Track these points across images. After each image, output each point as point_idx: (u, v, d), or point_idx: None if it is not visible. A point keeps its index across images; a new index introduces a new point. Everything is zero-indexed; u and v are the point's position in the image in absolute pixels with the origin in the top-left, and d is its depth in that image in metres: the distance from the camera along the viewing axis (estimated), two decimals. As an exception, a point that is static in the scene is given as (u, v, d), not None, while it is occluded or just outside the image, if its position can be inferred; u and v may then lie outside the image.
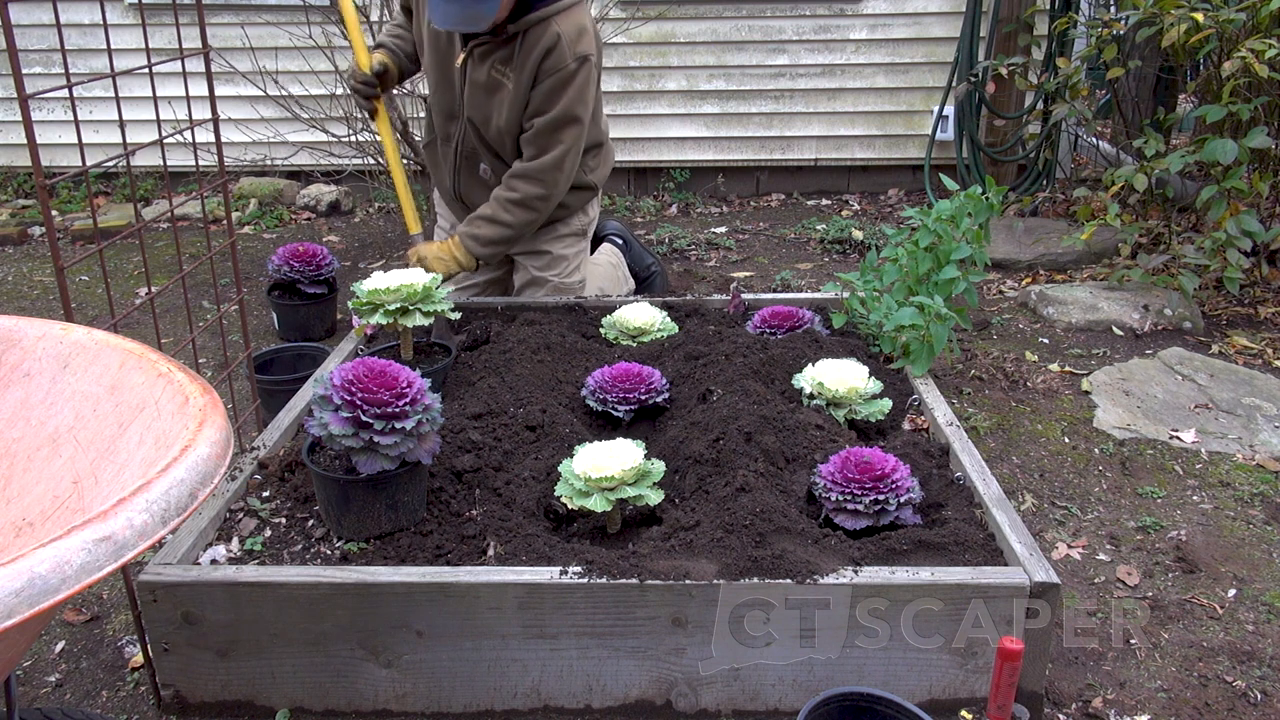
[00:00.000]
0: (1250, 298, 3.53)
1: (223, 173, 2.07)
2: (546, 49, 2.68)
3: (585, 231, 3.21)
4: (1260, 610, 1.96)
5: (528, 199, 2.82)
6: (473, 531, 1.80)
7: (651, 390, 2.28)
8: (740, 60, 5.04)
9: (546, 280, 3.10)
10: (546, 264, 3.09)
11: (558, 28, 2.67)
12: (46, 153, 4.71)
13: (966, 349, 3.12)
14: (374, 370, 1.78)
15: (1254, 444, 2.57)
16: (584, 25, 2.73)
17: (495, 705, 1.69)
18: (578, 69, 2.70)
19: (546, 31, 2.68)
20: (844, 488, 1.82)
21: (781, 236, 4.58)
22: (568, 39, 2.68)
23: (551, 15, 2.69)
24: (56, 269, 1.54)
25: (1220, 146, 3.14)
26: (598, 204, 3.26)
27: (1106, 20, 3.88)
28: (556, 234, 3.09)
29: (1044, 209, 4.59)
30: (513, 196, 2.82)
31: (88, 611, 2.00)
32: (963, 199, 2.61)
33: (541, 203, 2.84)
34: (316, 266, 3.34)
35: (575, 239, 3.15)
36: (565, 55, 2.68)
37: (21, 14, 4.94)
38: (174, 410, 1.08)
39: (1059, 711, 1.71)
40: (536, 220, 2.89)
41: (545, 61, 2.70)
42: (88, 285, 4.01)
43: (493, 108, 2.82)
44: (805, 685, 1.65)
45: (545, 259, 3.08)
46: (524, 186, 2.82)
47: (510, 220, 2.83)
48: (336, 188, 5.10)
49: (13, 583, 0.76)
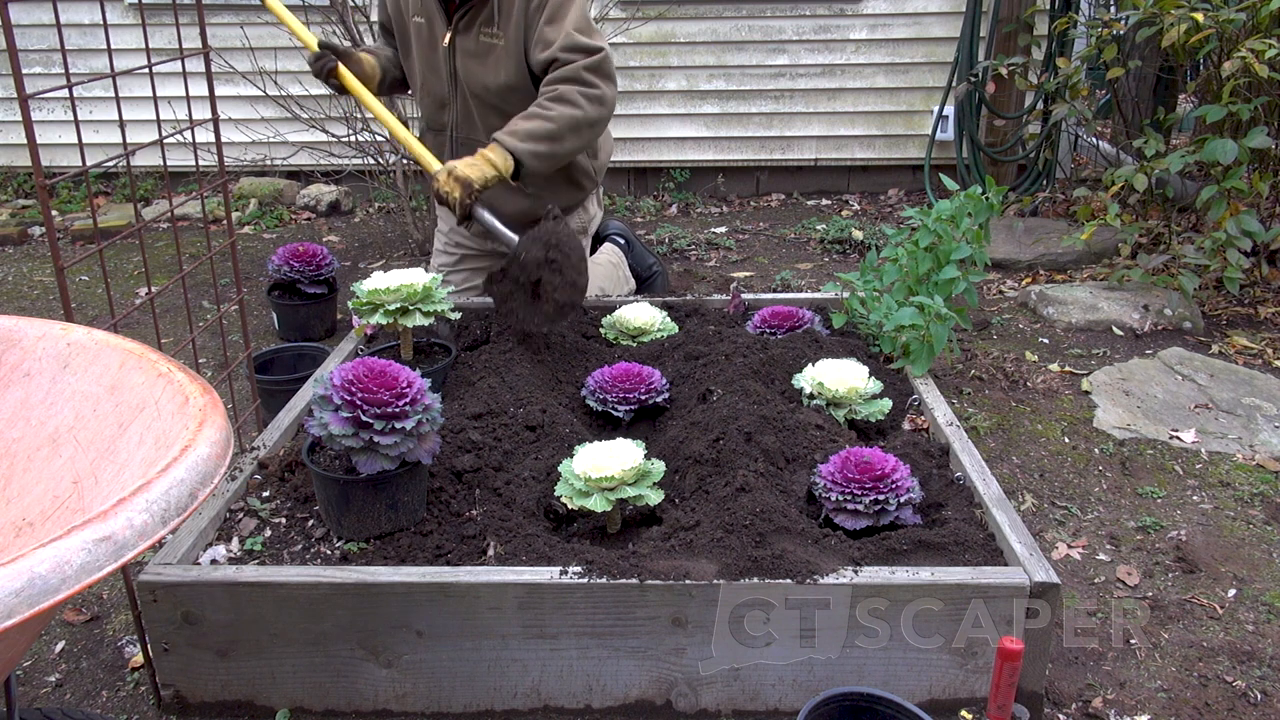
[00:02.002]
0: (1250, 298, 3.53)
1: (223, 173, 2.07)
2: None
3: (585, 230, 3.19)
4: (1260, 610, 1.96)
5: (566, 93, 2.60)
6: (473, 531, 1.80)
7: (651, 390, 2.28)
8: (740, 60, 5.04)
9: None
10: None
11: None
12: (46, 153, 4.71)
13: (966, 349, 3.12)
14: (374, 370, 1.78)
15: (1254, 444, 2.57)
16: None
17: (495, 705, 1.69)
18: None
19: None
20: (844, 488, 1.82)
21: (781, 236, 4.58)
22: None
23: None
24: (56, 269, 1.54)
25: (1220, 146, 3.14)
26: (597, 202, 3.23)
27: (1106, 20, 3.88)
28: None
29: (1044, 209, 4.59)
30: (550, 94, 2.61)
31: (88, 611, 2.00)
32: (963, 199, 2.61)
33: (584, 99, 2.61)
34: (316, 266, 3.34)
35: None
36: None
37: (21, 14, 4.94)
38: (174, 410, 1.08)
39: (1059, 711, 1.71)
40: (579, 122, 2.61)
41: (530, 3, 2.66)
42: (88, 285, 4.01)
43: (489, 71, 2.77)
44: (805, 685, 1.65)
45: None
46: (559, 85, 2.60)
47: (551, 114, 2.58)
48: (336, 188, 5.10)
49: (13, 583, 0.76)
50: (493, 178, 2.57)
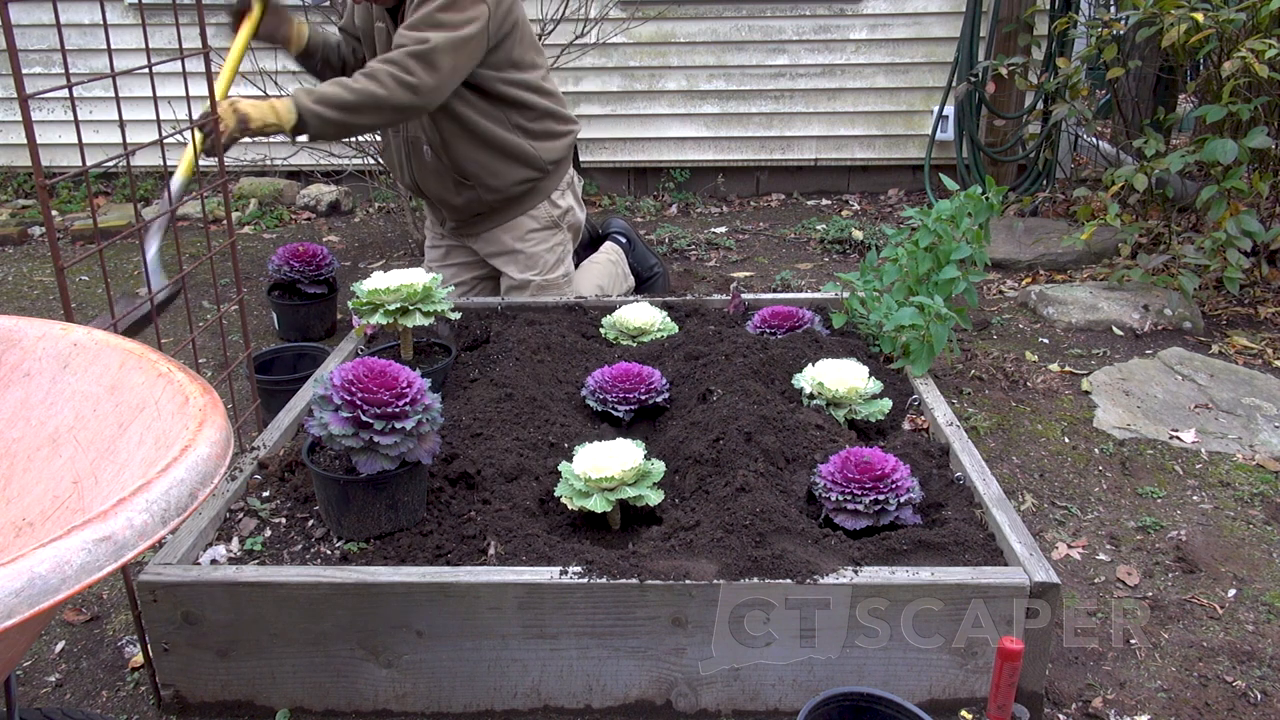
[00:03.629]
0: (1250, 298, 3.53)
1: (223, 173, 2.07)
2: None
3: (558, 224, 3.11)
4: (1260, 610, 1.96)
5: (376, 72, 2.61)
6: (473, 531, 1.80)
7: (651, 390, 2.28)
8: (740, 60, 5.04)
9: (529, 281, 3.06)
10: (523, 265, 3.06)
11: None
12: (46, 153, 4.70)
13: (966, 349, 3.12)
14: (374, 370, 1.78)
15: (1254, 444, 2.57)
16: None
17: (495, 705, 1.69)
18: None
19: None
20: (844, 488, 1.82)
21: (781, 236, 4.58)
22: None
23: None
24: (56, 269, 1.54)
25: (1220, 146, 3.14)
26: (567, 192, 3.14)
27: (1106, 20, 3.88)
28: (523, 231, 3.03)
29: (1044, 209, 4.59)
30: (365, 70, 2.63)
31: (88, 611, 2.00)
32: (963, 199, 2.61)
33: (392, 81, 2.60)
34: (316, 266, 3.34)
35: (547, 233, 3.07)
36: None
37: (21, 14, 4.94)
38: (174, 410, 1.08)
39: (1059, 711, 1.71)
40: (381, 100, 2.60)
41: None
42: (88, 285, 4.01)
43: None
44: (805, 685, 1.65)
45: (519, 260, 3.05)
46: (378, 64, 2.63)
47: (355, 88, 2.58)
48: (336, 188, 5.10)
49: (13, 583, 0.76)
50: (271, 125, 2.56)
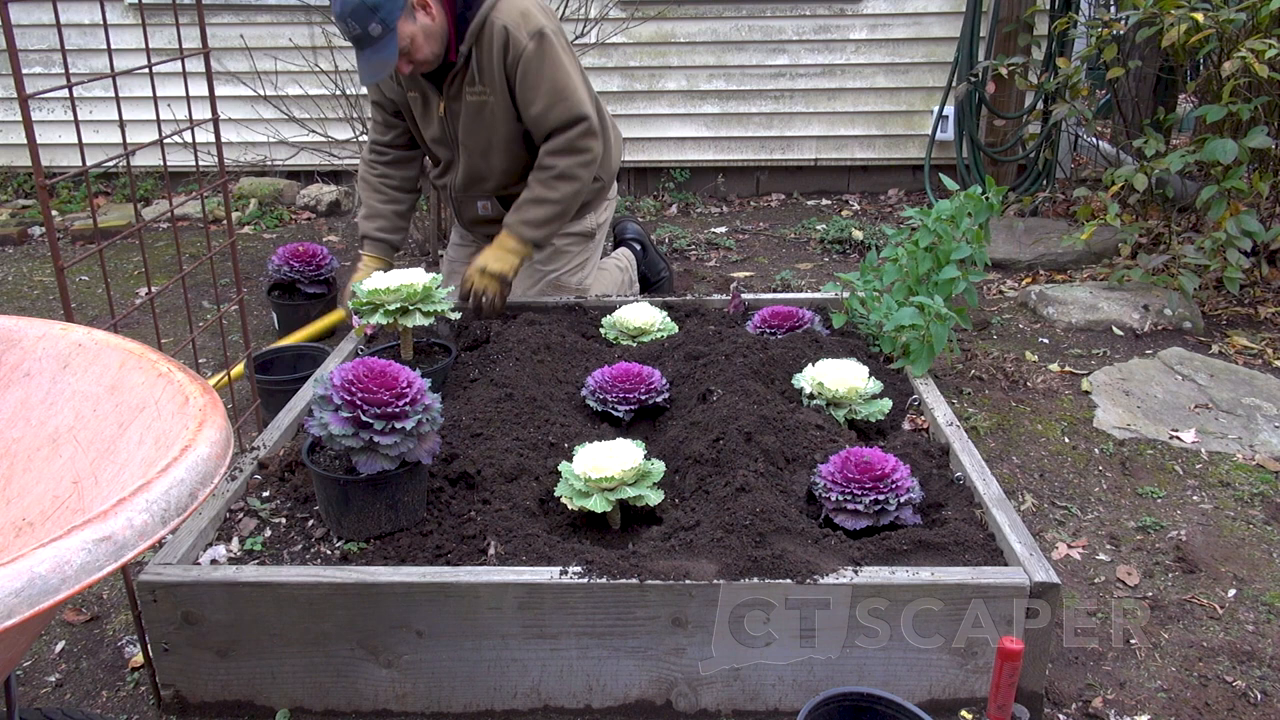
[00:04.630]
0: (1250, 298, 3.53)
1: (223, 173, 2.07)
2: (502, 45, 2.70)
3: (593, 234, 3.18)
4: (1260, 610, 1.96)
5: (566, 170, 2.81)
6: (473, 531, 1.80)
7: (651, 390, 2.28)
8: (740, 60, 5.04)
9: (544, 273, 3.09)
10: (547, 256, 3.09)
11: (500, 20, 2.69)
12: (46, 153, 4.70)
13: (966, 349, 3.12)
14: (374, 370, 1.78)
15: (1254, 444, 2.57)
16: (523, 7, 2.74)
17: (495, 705, 1.69)
18: (538, 45, 2.71)
19: (493, 30, 2.70)
20: (844, 488, 1.82)
21: (781, 236, 4.58)
22: (514, 25, 2.70)
23: (488, 12, 2.70)
24: (56, 269, 1.54)
25: (1220, 146, 3.14)
26: (609, 205, 3.25)
27: (1106, 20, 3.88)
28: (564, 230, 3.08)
29: (1044, 209, 4.59)
30: (551, 172, 2.81)
31: (88, 611, 2.00)
32: (963, 199, 2.61)
33: (582, 169, 2.83)
34: (316, 266, 3.34)
35: (582, 240, 3.14)
36: (521, 39, 2.70)
37: (21, 14, 4.94)
38: (174, 410, 1.08)
39: (1059, 711, 1.71)
40: (581, 189, 2.86)
41: (507, 57, 2.72)
42: (88, 285, 4.01)
43: (484, 128, 2.86)
44: (805, 685, 1.65)
45: (547, 251, 3.07)
46: (558, 160, 2.81)
47: (555, 196, 2.81)
48: (336, 188, 5.10)
49: (13, 583, 0.76)
50: (519, 265, 2.84)
